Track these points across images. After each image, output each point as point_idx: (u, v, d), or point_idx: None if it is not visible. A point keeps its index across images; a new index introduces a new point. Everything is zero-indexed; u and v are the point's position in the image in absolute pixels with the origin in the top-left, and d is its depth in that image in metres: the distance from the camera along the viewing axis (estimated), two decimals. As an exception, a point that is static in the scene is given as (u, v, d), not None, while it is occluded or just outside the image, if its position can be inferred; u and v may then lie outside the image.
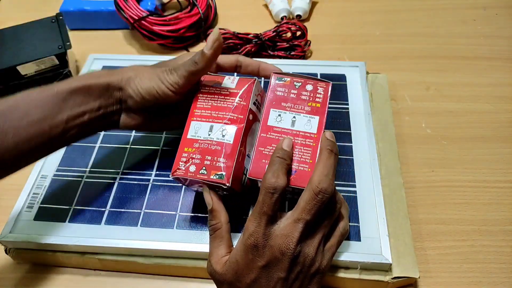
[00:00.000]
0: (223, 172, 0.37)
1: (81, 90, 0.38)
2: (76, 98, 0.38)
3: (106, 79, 0.39)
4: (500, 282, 0.42)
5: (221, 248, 0.36)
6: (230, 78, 0.41)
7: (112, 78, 0.39)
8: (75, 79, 0.39)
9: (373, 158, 0.47)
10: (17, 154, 0.36)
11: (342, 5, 0.74)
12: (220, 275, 0.35)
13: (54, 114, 0.37)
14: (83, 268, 0.44)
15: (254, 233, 0.33)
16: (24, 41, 0.58)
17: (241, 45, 0.63)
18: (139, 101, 0.40)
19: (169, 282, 0.44)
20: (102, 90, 0.39)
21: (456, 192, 0.49)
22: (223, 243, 0.36)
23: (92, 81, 0.39)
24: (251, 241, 0.33)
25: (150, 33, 0.65)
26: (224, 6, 0.74)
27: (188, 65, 0.38)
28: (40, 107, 0.36)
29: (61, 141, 0.38)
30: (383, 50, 0.66)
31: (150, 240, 0.42)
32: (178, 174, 0.38)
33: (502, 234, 0.46)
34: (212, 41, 0.38)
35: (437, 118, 0.56)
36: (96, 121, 0.40)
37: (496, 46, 0.65)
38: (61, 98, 0.37)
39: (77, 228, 0.43)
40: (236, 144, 0.38)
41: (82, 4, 0.69)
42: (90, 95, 0.38)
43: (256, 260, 0.33)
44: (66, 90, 0.38)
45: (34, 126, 0.36)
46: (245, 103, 0.39)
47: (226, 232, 0.37)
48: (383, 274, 0.40)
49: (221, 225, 0.37)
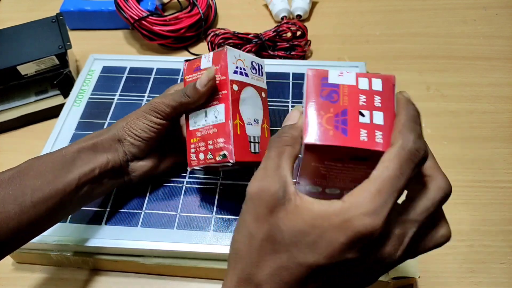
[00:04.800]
0: (225, 151, 0.38)
1: (87, 148, 0.39)
2: (84, 157, 0.39)
3: (107, 135, 0.41)
4: (500, 282, 0.42)
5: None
6: (206, 57, 0.41)
7: (110, 133, 0.41)
8: (80, 141, 0.40)
9: (373, 158, 0.47)
10: (36, 215, 0.35)
11: (342, 5, 0.74)
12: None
13: (65, 173, 0.38)
14: (83, 268, 0.44)
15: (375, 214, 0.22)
16: (24, 41, 0.58)
17: (241, 45, 0.63)
18: (139, 144, 0.41)
19: (169, 282, 0.44)
20: (106, 145, 0.40)
21: (456, 192, 0.49)
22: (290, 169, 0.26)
23: (95, 139, 0.40)
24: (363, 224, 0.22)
25: (150, 33, 0.65)
26: (224, 6, 0.74)
27: (178, 96, 0.40)
28: (51, 168, 0.37)
29: (76, 200, 0.39)
30: (383, 50, 0.66)
31: (151, 240, 0.42)
32: (193, 165, 0.40)
33: (502, 234, 0.46)
34: (207, 79, 0.38)
35: (437, 118, 0.56)
36: (107, 175, 0.40)
37: (496, 46, 0.65)
38: (70, 158, 0.38)
39: (77, 228, 0.43)
40: (228, 121, 0.38)
41: (82, 4, 0.69)
42: (97, 151, 0.40)
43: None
44: (73, 150, 0.39)
45: (49, 185, 0.36)
46: (224, 77, 0.39)
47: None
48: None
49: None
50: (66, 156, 0.39)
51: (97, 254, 0.43)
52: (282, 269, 0.24)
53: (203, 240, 0.42)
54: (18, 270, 0.45)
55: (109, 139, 0.41)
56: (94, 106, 0.54)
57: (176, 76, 0.57)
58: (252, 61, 0.42)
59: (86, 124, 0.52)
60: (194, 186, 0.46)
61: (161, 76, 0.57)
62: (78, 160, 0.39)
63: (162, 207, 0.44)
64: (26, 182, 0.36)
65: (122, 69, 0.58)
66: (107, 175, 0.40)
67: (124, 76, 0.57)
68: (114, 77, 0.57)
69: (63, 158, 0.38)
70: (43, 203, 0.36)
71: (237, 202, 0.44)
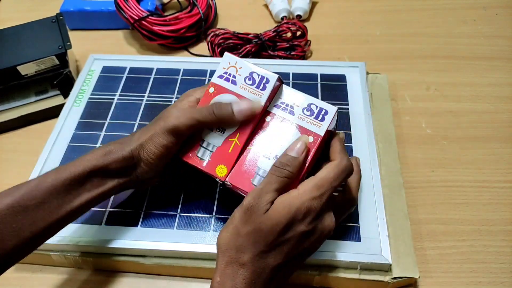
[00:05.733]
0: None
1: (100, 169, 0.36)
2: (94, 180, 0.36)
3: (121, 154, 0.37)
4: (500, 282, 0.42)
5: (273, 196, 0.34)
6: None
7: (124, 153, 0.37)
8: (91, 157, 0.37)
9: (373, 158, 0.47)
10: (32, 242, 0.34)
11: (342, 5, 0.74)
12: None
13: (71, 199, 0.35)
14: (82, 268, 0.44)
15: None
16: (24, 41, 0.58)
17: (241, 45, 0.63)
18: (152, 168, 0.38)
19: (169, 282, 0.44)
20: (119, 166, 0.37)
21: (456, 192, 0.49)
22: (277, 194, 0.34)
23: (109, 158, 0.37)
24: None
25: (150, 33, 0.65)
26: (224, 6, 0.74)
27: (202, 114, 0.37)
28: (56, 195, 0.35)
29: (77, 216, 0.37)
30: (383, 50, 0.66)
31: (151, 240, 0.42)
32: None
33: (502, 234, 0.46)
34: (249, 112, 0.37)
35: (437, 118, 0.56)
36: (114, 193, 0.39)
37: (496, 46, 0.65)
38: (79, 180, 0.36)
39: (77, 228, 0.43)
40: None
41: (82, 4, 0.69)
42: (108, 174, 0.37)
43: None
44: (83, 170, 0.36)
45: (52, 214, 0.34)
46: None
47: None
48: (383, 274, 0.40)
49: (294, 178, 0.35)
50: (75, 177, 0.35)
51: (97, 254, 0.43)
52: (262, 253, 0.32)
53: (203, 240, 0.42)
54: (18, 270, 0.45)
55: (124, 160, 0.37)
56: (94, 106, 0.54)
57: (176, 76, 0.57)
58: (252, 72, 0.39)
59: (86, 124, 0.52)
60: (194, 186, 0.46)
61: (161, 76, 0.57)
62: (87, 184, 0.36)
63: (162, 207, 0.44)
64: (27, 214, 0.33)
65: (122, 69, 0.58)
66: (114, 193, 0.39)
67: (124, 76, 0.57)
68: (114, 77, 0.57)
69: (71, 180, 0.35)
70: (43, 232, 0.34)
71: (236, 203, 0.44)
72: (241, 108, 0.37)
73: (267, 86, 0.38)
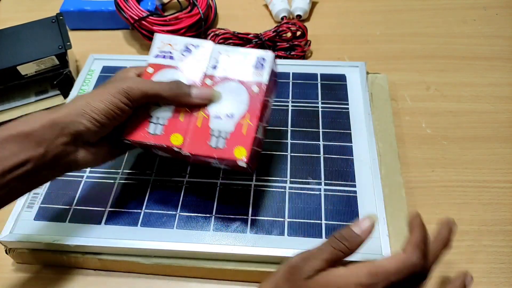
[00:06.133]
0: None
1: (14, 138, 0.32)
2: (11, 147, 0.32)
3: (47, 118, 0.34)
4: (500, 282, 0.42)
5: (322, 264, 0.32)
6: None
7: (55, 115, 0.34)
8: (7, 127, 0.33)
9: (373, 158, 0.47)
10: None
11: (342, 5, 0.74)
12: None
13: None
14: (83, 268, 0.44)
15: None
16: (24, 41, 0.58)
17: (241, 45, 0.63)
18: (98, 130, 0.36)
19: (169, 282, 0.44)
20: (44, 133, 0.33)
21: (456, 192, 0.49)
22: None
23: (28, 127, 0.33)
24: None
25: (150, 33, 0.65)
26: (224, 6, 0.74)
27: (164, 88, 0.37)
28: None
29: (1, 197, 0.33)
30: (383, 50, 0.66)
31: (150, 240, 0.42)
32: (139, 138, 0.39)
33: (502, 234, 0.46)
34: (207, 98, 0.38)
35: (437, 118, 0.56)
36: (45, 168, 0.34)
37: (496, 46, 0.65)
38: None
39: (77, 228, 0.43)
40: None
41: (82, 4, 0.69)
42: (29, 142, 0.33)
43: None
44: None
45: None
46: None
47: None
48: (383, 274, 0.40)
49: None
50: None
51: (97, 254, 0.42)
52: None
53: (203, 239, 0.42)
54: (18, 270, 0.45)
55: (52, 123, 0.34)
56: (94, 106, 0.54)
57: (176, 76, 0.57)
58: (186, 43, 0.42)
59: (86, 124, 0.52)
60: (193, 185, 0.46)
61: (161, 76, 0.57)
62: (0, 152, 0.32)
63: (161, 207, 0.44)
64: None
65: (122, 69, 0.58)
66: (44, 168, 0.34)
67: (124, 76, 0.57)
68: (114, 77, 0.57)
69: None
70: None
71: (236, 202, 0.44)
72: (201, 93, 0.38)
73: (205, 52, 0.42)
